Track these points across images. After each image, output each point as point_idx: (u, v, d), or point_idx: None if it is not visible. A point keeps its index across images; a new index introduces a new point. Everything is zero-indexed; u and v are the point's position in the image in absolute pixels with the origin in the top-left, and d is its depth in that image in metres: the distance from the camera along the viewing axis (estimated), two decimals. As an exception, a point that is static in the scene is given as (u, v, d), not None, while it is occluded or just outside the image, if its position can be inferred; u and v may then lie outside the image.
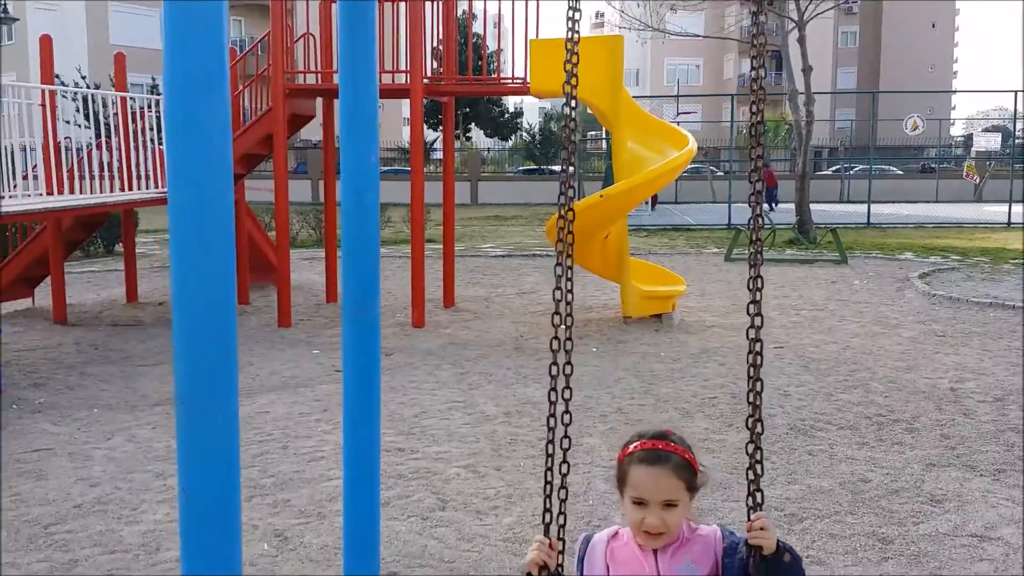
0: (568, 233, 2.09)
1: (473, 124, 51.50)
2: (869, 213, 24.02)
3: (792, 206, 19.71)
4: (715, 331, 9.62)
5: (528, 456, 5.48)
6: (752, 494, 1.92)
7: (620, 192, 9.37)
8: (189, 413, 2.56)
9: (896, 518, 4.52)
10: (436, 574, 3.92)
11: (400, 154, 47.46)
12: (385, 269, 13.90)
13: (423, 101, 10.18)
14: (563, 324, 2.06)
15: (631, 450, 1.96)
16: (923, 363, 8.05)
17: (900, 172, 42.94)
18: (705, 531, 1.96)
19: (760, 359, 1.94)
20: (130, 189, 10.17)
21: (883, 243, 18.83)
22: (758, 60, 2.01)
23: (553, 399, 2.05)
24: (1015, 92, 25.00)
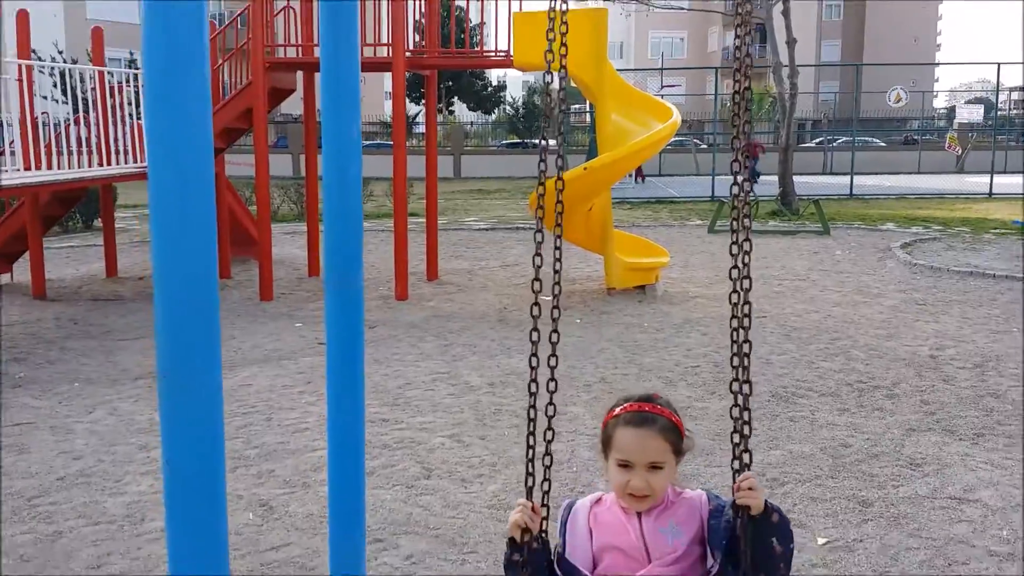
0: (558, 203, 2.04)
1: (456, 98, 51.16)
2: (852, 184, 24.14)
3: (775, 178, 19.74)
4: (698, 302, 9.67)
5: (512, 425, 5.51)
6: (739, 456, 1.87)
7: (604, 164, 9.36)
8: (172, 386, 2.55)
9: (876, 482, 4.58)
10: (422, 541, 3.95)
11: (382, 128, 47.11)
12: (368, 243, 13.84)
13: (405, 74, 10.10)
14: (557, 284, 1.99)
15: (617, 412, 1.93)
16: (904, 331, 8.12)
17: (883, 144, 43.05)
18: (690, 495, 1.94)
19: (748, 321, 1.90)
20: (108, 164, 10.07)
21: (865, 214, 18.92)
22: (743, 28, 1.99)
23: (535, 364, 1.98)
24: (997, 64, 25.09)
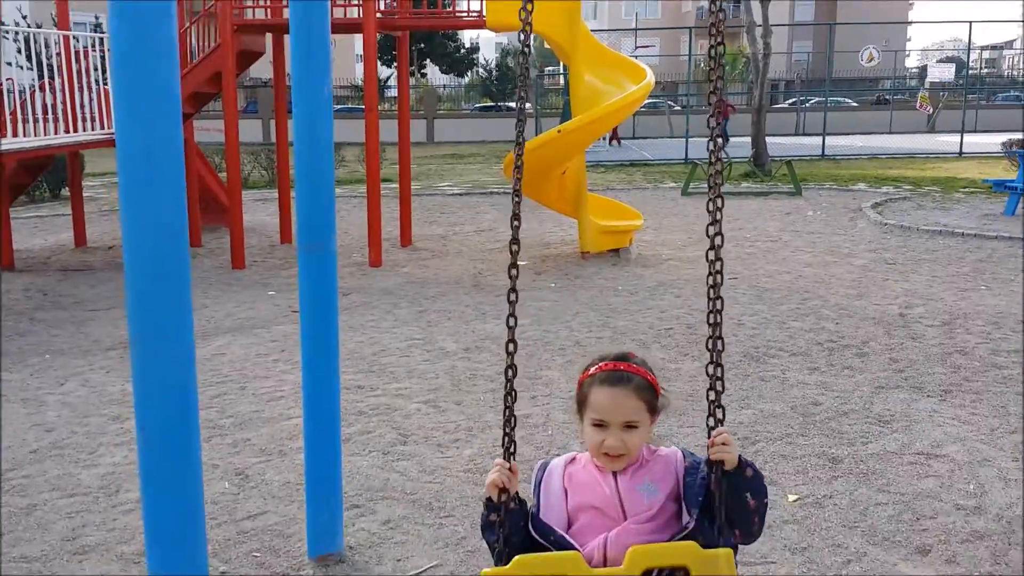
0: (518, 172, 2.01)
1: (428, 60, 50.59)
2: (824, 145, 24.26)
3: (748, 139, 19.77)
4: (671, 264, 9.70)
5: (488, 390, 5.53)
6: (713, 412, 1.88)
7: (578, 126, 9.32)
8: (144, 354, 2.54)
9: (846, 439, 4.66)
10: (399, 506, 3.97)
11: (354, 92, 46.54)
12: (341, 209, 13.75)
13: (377, 36, 9.97)
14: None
15: (592, 372, 1.93)
16: (873, 290, 8.22)
17: (855, 104, 43.21)
18: (665, 452, 1.94)
19: (721, 278, 1.90)
20: (75, 131, 9.90)
21: (837, 174, 19.03)
22: None
23: (511, 324, 1.95)
24: (969, 23, 25.16)
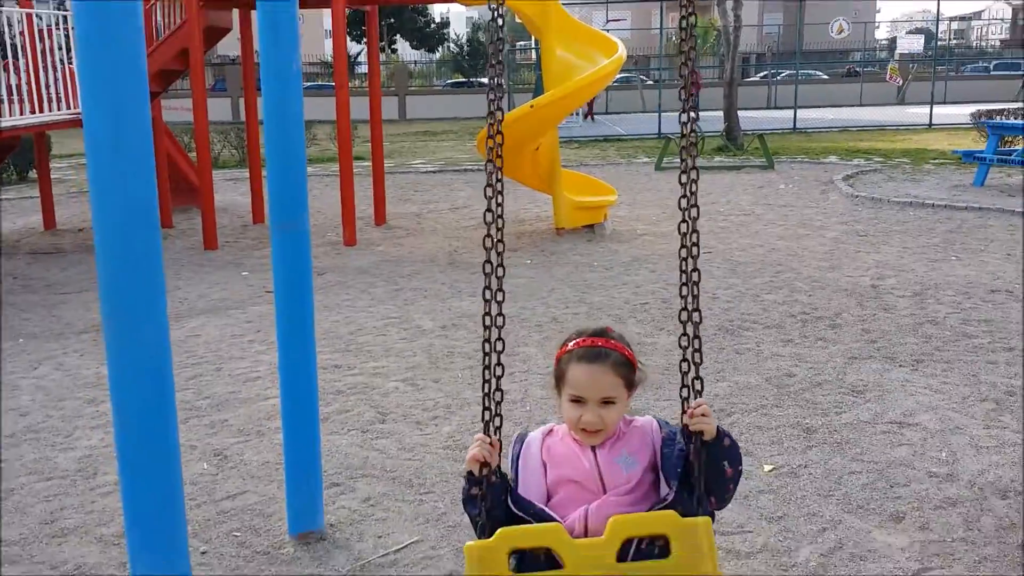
0: (496, 146, 2.01)
1: (398, 35, 50.16)
2: (795, 118, 24.38)
3: (720, 114, 19.81)
4: (646, 239, 9.75)
5: (465, 367, 5.54)
6: (690, 383, 1.89)
7: (551, 101, 9.29)
8: (118, 336, 2.51)
9: (819, 409, 4.72)
10: (379, 484, 3.98)
11: (323, 68, 46.08)
12: (313, 188, 13.64)
13: (345, 10, 9.86)
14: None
15: (570, 347, 1.93)
16: (846, 262, 8.30)
17: (826, 77, 43.35)
18: (640, 422, 1.96)
19: (697, 249, 1.91)
20: (41, 111, 9.72)
21: (808, 147, 19.14)
22: None
23: (488, 297, 1.95)
24: (937, -6, 25.32)
